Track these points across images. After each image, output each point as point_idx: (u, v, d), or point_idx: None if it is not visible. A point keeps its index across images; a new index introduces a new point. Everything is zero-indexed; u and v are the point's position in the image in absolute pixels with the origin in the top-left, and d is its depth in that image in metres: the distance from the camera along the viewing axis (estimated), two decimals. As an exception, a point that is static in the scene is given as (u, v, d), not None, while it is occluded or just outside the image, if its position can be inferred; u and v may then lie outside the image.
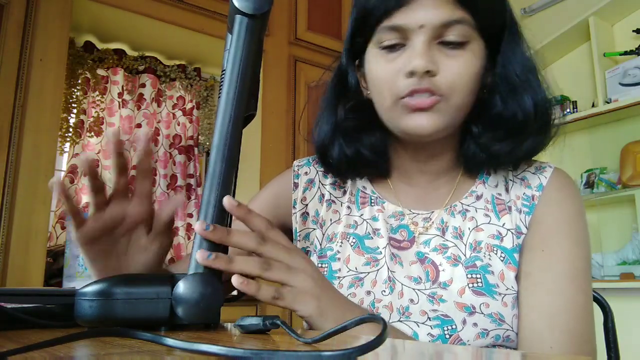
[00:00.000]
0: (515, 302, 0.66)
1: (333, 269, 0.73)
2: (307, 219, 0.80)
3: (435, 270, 0.68)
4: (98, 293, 0.47)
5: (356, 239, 0.74)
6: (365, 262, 0.71)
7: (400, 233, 0.73)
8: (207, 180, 0.52)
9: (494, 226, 0.70)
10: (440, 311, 0.65)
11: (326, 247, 0.76)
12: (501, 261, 0.67)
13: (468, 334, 0.63)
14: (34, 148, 2.10)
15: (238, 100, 0.53)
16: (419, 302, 0.66)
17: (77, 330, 0.40)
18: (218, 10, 2.58)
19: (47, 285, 2.10)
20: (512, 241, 0.68)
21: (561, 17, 2.49)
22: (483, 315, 0.64)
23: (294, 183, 0.82)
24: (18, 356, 0.29)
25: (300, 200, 0.80)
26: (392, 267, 0.70)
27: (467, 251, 0.69)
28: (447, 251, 0.69)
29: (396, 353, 0.38)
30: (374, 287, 0.69)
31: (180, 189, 2.98)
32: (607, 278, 2.16)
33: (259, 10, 0.54)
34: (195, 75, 3.07)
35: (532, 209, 0.69)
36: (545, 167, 0.73)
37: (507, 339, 0.65)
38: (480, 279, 0.66)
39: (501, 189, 0.73)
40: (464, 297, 0.65)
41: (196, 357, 0.31)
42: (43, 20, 2.18)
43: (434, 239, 0.71)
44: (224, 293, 0.50)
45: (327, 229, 0.78)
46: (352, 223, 0.76)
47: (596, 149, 2.38)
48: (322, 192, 0.81)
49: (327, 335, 0.38)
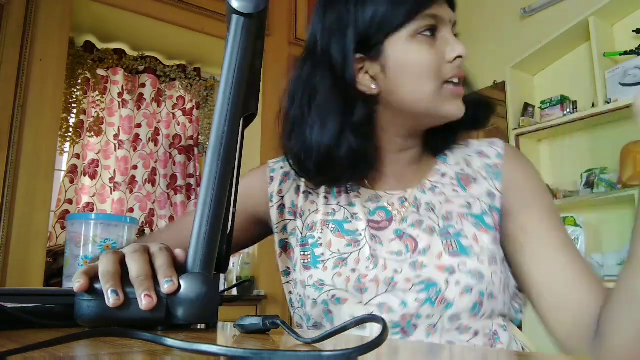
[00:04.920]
0: (492, 260, 0.69)
1: (316, 254, 0.74)
2: (284, 211, 0.81)
3: (414, 242, 0.72)
4: (96, 293, 0.47)
5: (336, 225, 0.76)
6: (347, 244, 0.74)
7: (378, 214, 0.76)
8: (203, 180, 0.52)
9: (462, 197, 0.75)
10: (424, 276, 0.68)
11: (307, 235, 0.77)
12: (473, 226, 0.72)
13: (453, 293, 0.67)
14: (34, 148, 2.10)
15: (234, 100, 0.53)
16: (402, 271, 0.69)
17: (77, 330, 0.40)
18: (218, 10, 2.58)
19: (47, 285, 2.10)
20: (480, 207, 0.74)
21: (561, 17, 2.49)
22: (463, 273, 0.67)
23: (269, 177, 0.83)
24: (18, 356, 0.29)
25: (276, 193, 0.82)
26: (373, 246, 0.73)
27: (441, 222, 0.73)
28: (422, 224, 0.73)
29: (396, 353, 0.38)
30: (357, 265, 0.71)
31: (180, 189, 2.98)
32: (607, 278, 2.16)
33: (255, 10, 0.54)
34: (195, 75, 3.07)
35: (498, 175, 0.76)
36: (495, 142, 0.80)
37: (491, 296, 0.68)
38: (455, 243, 0.70)
39: (463, 165, 0.79)
40: (443, 260, 0.69)
41: (196, 357, 0.31)
42: (43, 20, 2.18)
43: (411, 215, 0.75)
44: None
45: (307, 218, 0.79)
46: (330, 211, 0.78)
47: (596, 149, 2.38)
48: (298, 184, 0.82)
49: (327, 335, 0.38)
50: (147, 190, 2.86)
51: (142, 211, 2.82)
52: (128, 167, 2.85)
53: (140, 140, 2.89)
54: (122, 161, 2.84)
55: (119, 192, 2.79)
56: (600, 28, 2.31)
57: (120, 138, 2.85)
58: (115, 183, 2.79)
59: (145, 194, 2.85)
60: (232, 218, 0.60)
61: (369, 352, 0.28)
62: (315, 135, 0.71)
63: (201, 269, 0.49)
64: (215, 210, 0.51)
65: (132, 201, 2.81)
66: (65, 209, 2.59)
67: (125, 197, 2.81)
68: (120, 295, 0.46)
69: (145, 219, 2.83)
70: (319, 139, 0.71)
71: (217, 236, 0.51)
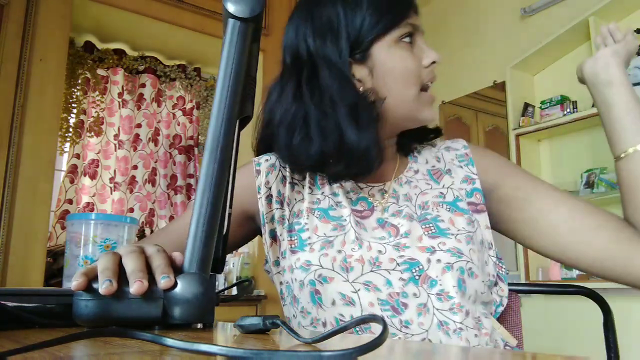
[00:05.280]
0: (469, 239, 0.74)
1: (303, 239, 0.76)
2: (272, 201, 0.82)
3: (395, 229, 0.76)
4: (94, 292, 0.47)
5: (321, 212, 0.79)
6: (333, 228, 0.76)
7: (360, 204, 0.81)
8: (200, 182, 0.52)
9: (435, 190, 0.82)
10: (407, 256, 0.72)
11: (294, 222, 0.80)
12: (448, 211, 0.78)
13: (435, 271, 0.71)
14: (34, 148, 2.10)
15: (230, 103, 0.54)
16: (386, 252, 0.73)
17: (77, 330, 0.40)
18: (218, 10, 2.58)
19: (47, 285, 2.10)
20: (453, 195, 0.81)
21: (561, 17, 2.49)
22: (443, 252, 0.72)
23: (256, 170, 0.84)
24: (18, 356, 0.29)
25: (264, 185, 0.83)
26: (358, 230, 0.76)
27: (418, 211, 0.79)
28: (402, 212, 0.78)
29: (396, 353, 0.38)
30: (343, 247, 0.74)
31: (180, 189, 2.98)
32: (607, 278, 2.16)
33: (251, 14, 0.55)
34: (195, 75, 3.07)
35: (471, 160, 0.84)
36: (454, 140, 0.89)
37: (471, 272, 0.72)
38: (433, 227, 0.75)
39: (433, 162, 0.87)
40: (423, 241, 0.74)
41: (196, 357, 0.31)
42: (43, 20, 2.18)
43: (391, 205, 0.80)
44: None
45: (293, 207, 0.82)
46: (315, 200, 0.81)
47: (596, 149, 2.38)
48: (283, 174, 0.84)
49: (327, 335, 0.38)
50: (147, 190, 2.86)
51: (142, 211, 2.82)
52: (128, 167, 2.85)
53: (140, 140, 2.89)
54: (122, 161, 2.84)
55: (119, 192, 2.79)
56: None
57: (120, 138, 2.86)
58: (115, 183, 2.79)
59: (145, 194, 2.85)
60: (227, 219, 0.61)
61: (369, 352, 0.28)
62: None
63: (198, 269, 0.50)
64: (212, 211, 0.51)
65: (132, 201, 2.81)
66: (65, 209, 2.59)
67: (125, 197, 2.81)
68: (113, 283, 0.47)
69: (145, 219, 2.83)
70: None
71: (214, 237, 0.52)
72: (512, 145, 2.53)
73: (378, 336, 0.30)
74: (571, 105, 2.38)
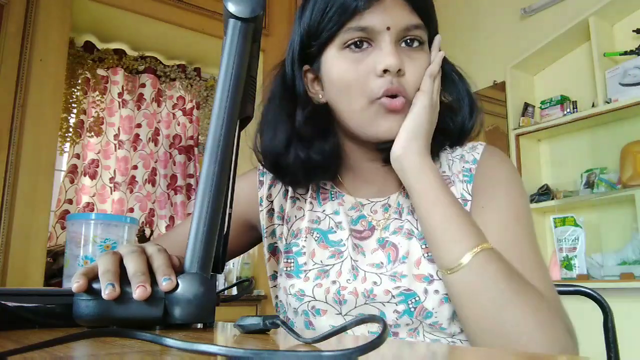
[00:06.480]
0: None
1: (299, 263, 0.75)
2: (273, 215, 0.82)
3: (395, 250, 0.72)
4: (94, 293, 0.47)
5: (320, 234, 0.76)
6: (330, 255, 0.74)
7: (360, 223, 0.76)
8: (200, 182, 0.52)
9: None
10: (403, 287, 0.68)
11: (291, 242, 0.78)
12: None
13: (432, 302, 0.66)
14: (34, 148, 2.10)
15: (231, 104, 0.54)
16: (381, 283, 0.69)
17: (77, 330, 0.40)
18: (218, 10, 2.58)
19: (47, 285, 2.10)
20: None
21: (561, 17, 2.49)
22: (440, 281, 0.67)
23: (259, 181, 0.84)
24: (18, 356, 0.29)
25: (266, 197, 0.82)
26: (355, 257, 0.73)
27: (419, 225, 0.72)
28: (402, 228, 0.73)
29: (396, 353, 0.38)
30: (339, 277, 0.71)
31: (180, 189, 2.98)
32: (607, 278, 2.16)
33: (251, 14, 0.55)
34: (195, 75, 3.07)
35: (471, 178, 0.74)
36: (477, 146, 0.78)
37: None
38: None
39: (445, 167, 0.77)
40: (421, 268, 0.68)
41: (196, 357, 0.31)
42: (43, 20, 2.18)
43: (393, 222, 0.75)
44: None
45: (292, 225, 0.80)
46: (315, 219, 0.78)
47: (596, 149, 2.38)
48: (286, 188, 0.82)
49: (327, 335, 0.38)
50: (147, 190, 2.86)
51: (142, 211, 2.82)
52: (128, 167, 2.85)
53: (140, 140, 2.89)
54: (122, 161, 2.84)
55: (119, 192, 2.79)
56: (600, 28, 2.31)
57: (120, 138, 2.85)
58: (115, 183, 2.79)
59: (145, 194, 2.85)
60: (228, 218, 0.61)
61: (369, 352, 0.29)
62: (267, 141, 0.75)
63: (198, 269, 0.50)
64: (212, 211, 0.51)
65: (132, 201, 2.81)
66: (65, 209, 2.59)
67: (125, 197, 2.81)
68: (116, 288, 0.47)
69: (145, 219, 2.83)
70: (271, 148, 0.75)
71: (214, 237, 0.52)
72: (512, 145, 2.53)
73: (378, 336, 0.30)
74: (571, 105, 2.38)
